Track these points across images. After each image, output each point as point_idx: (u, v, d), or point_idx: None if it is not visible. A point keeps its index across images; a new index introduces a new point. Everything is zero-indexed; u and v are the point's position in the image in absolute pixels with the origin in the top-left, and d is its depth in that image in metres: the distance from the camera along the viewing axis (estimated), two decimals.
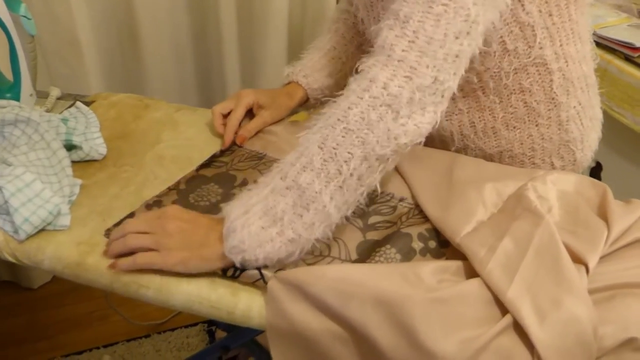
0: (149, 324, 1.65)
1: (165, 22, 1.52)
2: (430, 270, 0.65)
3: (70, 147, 0.84)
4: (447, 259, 0.70)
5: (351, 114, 0.62)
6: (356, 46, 0.99)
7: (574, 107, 0.84)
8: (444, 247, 0.72)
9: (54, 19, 1.37)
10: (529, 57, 0.78)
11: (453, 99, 0.83)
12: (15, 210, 0.69)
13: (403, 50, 0.62)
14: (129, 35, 1.51)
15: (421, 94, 0.62)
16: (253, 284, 0.66)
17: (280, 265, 0.65)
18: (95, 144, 0.86)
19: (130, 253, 0.67)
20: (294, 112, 0.98)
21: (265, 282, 0.65)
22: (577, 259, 0.66)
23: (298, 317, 0.63)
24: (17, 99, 0.91)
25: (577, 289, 0.62)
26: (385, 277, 0.63)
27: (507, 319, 0.60)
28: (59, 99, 1.00)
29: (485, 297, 0.62)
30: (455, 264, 0.67)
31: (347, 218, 0.74)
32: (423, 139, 0.65)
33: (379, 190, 0.67)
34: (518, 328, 0.60)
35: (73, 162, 0.83)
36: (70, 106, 0.96)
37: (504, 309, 0.61)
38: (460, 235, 0.68)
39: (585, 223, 0.71)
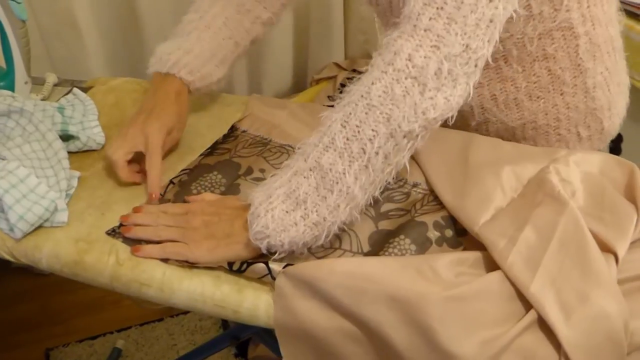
0: (161, 307, 1.63)
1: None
2: (447, 262, 0.61)
3: (67, 137, 0.81)
4: (464, 248, 0.67)
5: (374, 89, 0.58)
6: (252, 20, 0.85)
7: (601, 72, 0.79)
8: (461, 235, 0.68)
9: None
10: (555, 21, 0.73)
11: None
12: (10, 208, 0.66)
13: (430, 19, 0.57)
14: (129, 15, 1.46)
15: (451, 64, 0.57)
16: (259, 279, 0.63)
17: (307, 249, 0.63)
18: (92, 134, 0.82)
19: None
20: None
21: (273, 278, 0.62)
22: (605, 248, 0.61)
23: (307, 315, 0.60)
24: (11, 87, 0.88)
25: (606, 281, 0.57)
26: (399, 272, 0.59)
27: (531, 315, 0.56)
28: (56, 85, 0.97)
29: (506, 293, 0.58)
30: (474, 256, 0.63)
31: None
32: (455, 113, 0.61)
33: (408, 167, 0.63)
34: (542, 325, 0.56)
35: (70, 152, 0.79)
36: (67, 93, 0.92)
37: (527, 304, 0.57)
38: (478, 224, 0.64)
39: (612, 207, 0.67)
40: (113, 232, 0.68)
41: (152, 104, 0.78)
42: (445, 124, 0.84)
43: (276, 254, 0.61)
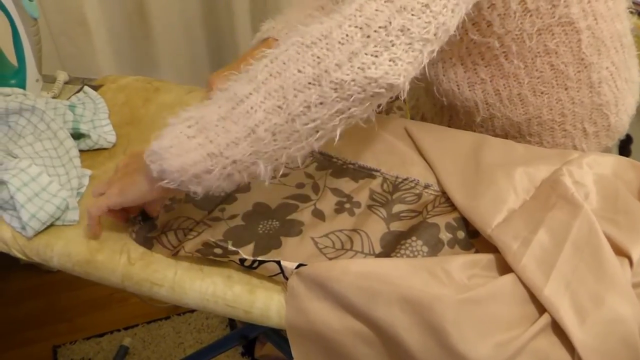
0: (168, 305, 1.64)
1: None
2: (460, 265, 0.61)
3: (78, 135, 0.81)
4: (476, 250, 0.66)
5: (312, 31, 0.53)
6: None
7: (607, 68, 0.78)
8: (473, 237, 0.67)
9: None
10: (554, 17, 0.72)
11: (474, 68, 0.78)
12: (22, 206, 0.66)
13: None
14: (137, 12, 1.46)
15: (405, 22, 0.52)
16: (271, 279, 0.63)
17: (196, 183, 0.57)
18: (103, 132, 0.82)
19: None
20: None
21: (286, 277, 0.62)
22: (619, 251, 0.61)
23: (319, 316, 0.60)
24: (23, 85, 0.88)
25: (620, 284, 0.57)
26: (412, 274, 0.59)
27: (545, 318, 0.56)
28: (66, 83, 0.97)
29: (520, 295, 0.58)
30: (486, 258, 0.62)
31: (369, 207, 0.70)
32: (402, 87, 0.55)
33: (338, 137, 0.57)
34: (556, 328, 0.56)
35: (81, 151, 0.80)
36: (78, 91, 0.92)
37: (540, 307, 0.57)
38: (491, 226, 0.64)
39: (626, 209, 0.66)
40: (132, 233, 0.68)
41: None
42: (450, 122, 0.82)
43: (165, 181, 0.57)
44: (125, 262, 0.65)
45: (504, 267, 0.61)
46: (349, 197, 0.72)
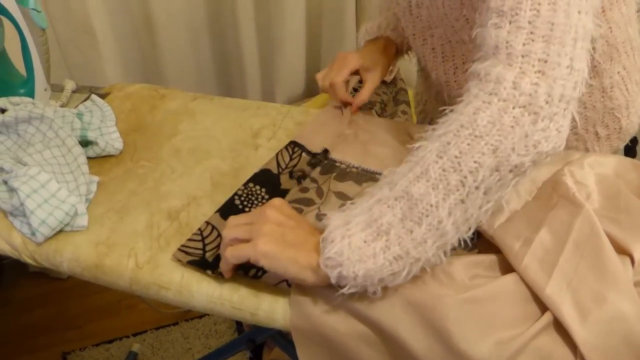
0: (177, 311, 1.65)
1: (180, 6, 1.49)
2: (462, 265, 0.61)
3: (86, 142, 0.82)
4: (479, 251, 0.67)
5: (479, 119, 0.53)
6: None
7: (618, 72, 0.79)
8: (476, 238, 0.68)
9: (68, 7, 1.34)
10: None
11: None
12: (32, 212, 0.68)
13: (524, 44, 0.53)
14: (143, 21, 1.48)
15: (560, 90, 0.53)
16: (275, 286, 0.64)
17: (382, 286, 0.56)
18: (111, 139, 0.83)
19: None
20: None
21: (289, 285, 0.62)
22: (621, 250, 0.61)
23: (324, 319, 0.60)
24: (31, 94, 0.90)
25: (622, 283, 0.57)
26: (414, 276, 0.60)
27: (547, 317, 0.56)
28: (74, 92, 0.98)
29: (522, 294, 0.58)
30: (488, 258, 0.63)
31: None
32: (562, 147, 0.56)
33: (506, 207, 0.60)
34: (558, 327, 0.56)
35: (89, 158, 0.81)
36: (86, 99, 0.94)
37: (542, 306, 0.58)
38: (493, 227, 0.65)
39: (627, 209, 0.67)
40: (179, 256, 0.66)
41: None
42: None
43: (346, 287, 0.56)
44: (133, 266, 0.66)
45: (506, 268, 0.62)
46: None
